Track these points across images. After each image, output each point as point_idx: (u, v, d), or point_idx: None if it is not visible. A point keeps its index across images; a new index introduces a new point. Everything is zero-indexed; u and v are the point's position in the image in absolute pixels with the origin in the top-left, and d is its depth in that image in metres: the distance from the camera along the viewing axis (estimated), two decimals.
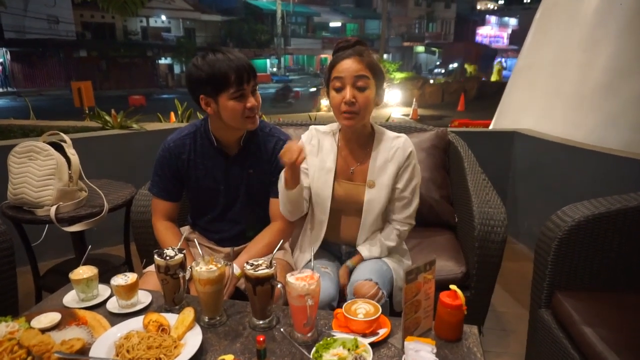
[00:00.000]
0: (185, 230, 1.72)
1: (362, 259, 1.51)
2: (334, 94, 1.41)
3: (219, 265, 1.19)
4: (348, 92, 1.37)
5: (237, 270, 1.48)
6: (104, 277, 1.34)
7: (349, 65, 1.38)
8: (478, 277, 1.66)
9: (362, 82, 1.38)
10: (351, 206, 1.51)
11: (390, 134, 1.53)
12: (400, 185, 1.49)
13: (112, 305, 1.27)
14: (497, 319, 2.20)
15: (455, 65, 26.60)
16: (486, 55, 36.06)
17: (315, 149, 1.54)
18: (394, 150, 1.48)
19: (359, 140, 1.52)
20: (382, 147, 1.50)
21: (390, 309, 1.46)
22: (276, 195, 1.55)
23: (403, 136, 1.52)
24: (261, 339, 1.01)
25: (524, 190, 3.14)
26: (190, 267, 1.21)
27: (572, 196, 2.61)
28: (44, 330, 1.12)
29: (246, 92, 1.44)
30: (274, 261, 1.19)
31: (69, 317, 1.19)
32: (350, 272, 1.50)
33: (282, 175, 1.43)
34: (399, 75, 19.75)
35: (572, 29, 3.41)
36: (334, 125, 1.57)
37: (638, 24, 3.08)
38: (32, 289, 2.16)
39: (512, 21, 48.84)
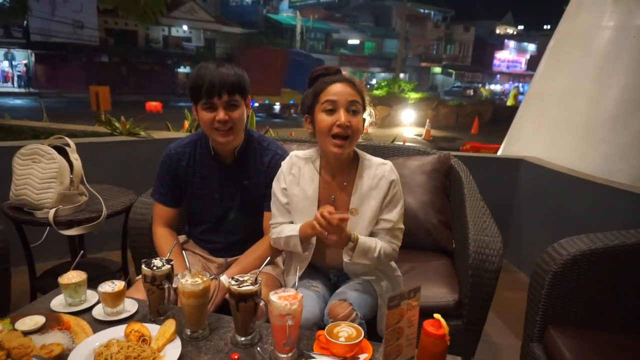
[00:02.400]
0: (181, 239, 1.73)
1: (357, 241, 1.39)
2: (324, 117, 1.38)
3: (205, 279, 1.19)
4: (343, 115, 1.35)
5: (227, 281, 1.48)
6: (99, 281, 1.34)
7: (342, 89, 1.37)
8: (470, 306, 1.64)
9: (355, 107, 1.38)
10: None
11: (375, 160, 1.49)
12: (386, 217, 1.45)
13: (98, 312, 1.28)
14: (491, 350, 2.16)
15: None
16: (298, 63, 20.50)
17: (297, 178, 1.49)
18: (379, 178, 1.44)
19: (341, 167, 1.48)
20: (366, 174, 1.46)
21: (375, 333, 1.43)
22: (269, 209, 1.56)
23: (388, 163, 1.48)
24: (236, 357, 1.00)
25: (528, 218, 3.10)
26: (177, 277, 1.22)
27: (575, 228, 2.56)
28: (26, 333, 1.12)
29: (215, 105, 1.47)
30: (259, 278, 1.19)
31: (53, 321, 1.20)
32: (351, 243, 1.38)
33: (298, 230, 1.42)
34: (413, 95, 19.75)
35: (584, 59, 3.40)
36: (313, 152, 1.52)
37: None
38: (28, 290, 2.18)
39: (531, 47, 48.94)
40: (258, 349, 1.15)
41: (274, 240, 1.52)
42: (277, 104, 19.97)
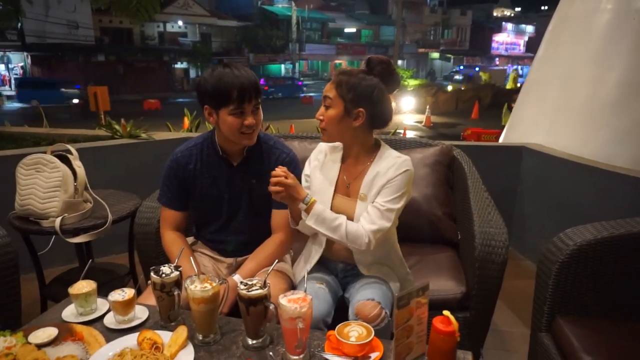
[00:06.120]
0: (189, 240, 1.74)
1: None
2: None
3: (214, 284, 1.20)
4: (320, 109, 1.49)
5: (239, 279, 1.49)
6: (108, 286, 1.36)
7: (325, 87, 1.50)
8: (478, 298, 1.65)
9: (327, 102, 1.47)
10: None
11: (393, 152, 1.53)
12: (380, 199, 1.45)
13: (109, 321, 1.29)
14: (500, 339, 2.17)
15: None
16: None
17: (320, 163, 1.58)
18: (389, 167, 1.47)
19: (358, 155, 1.53)
20: (380, 163, 1.50)
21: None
22: (278, 207, 1.58)
23: (404, 157, 1.50)
24: None
25: (532, 206, 3.10)
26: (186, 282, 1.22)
27: (578, 214, 2.58)
28: (40, 346, 1.14)
29: (246, 110, 1.47)
30: (267, 281, 1.19)
31: (65, 332, 1.21)
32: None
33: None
34: (412, 82, 19.66)
35: (584, 43, 3.37)
36: (339, 143, 1.59)
37: None
38: (38, 297, 2.19)
39: (529, 28, 48.54)
40: (270, 353, 1.16)
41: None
42: None
